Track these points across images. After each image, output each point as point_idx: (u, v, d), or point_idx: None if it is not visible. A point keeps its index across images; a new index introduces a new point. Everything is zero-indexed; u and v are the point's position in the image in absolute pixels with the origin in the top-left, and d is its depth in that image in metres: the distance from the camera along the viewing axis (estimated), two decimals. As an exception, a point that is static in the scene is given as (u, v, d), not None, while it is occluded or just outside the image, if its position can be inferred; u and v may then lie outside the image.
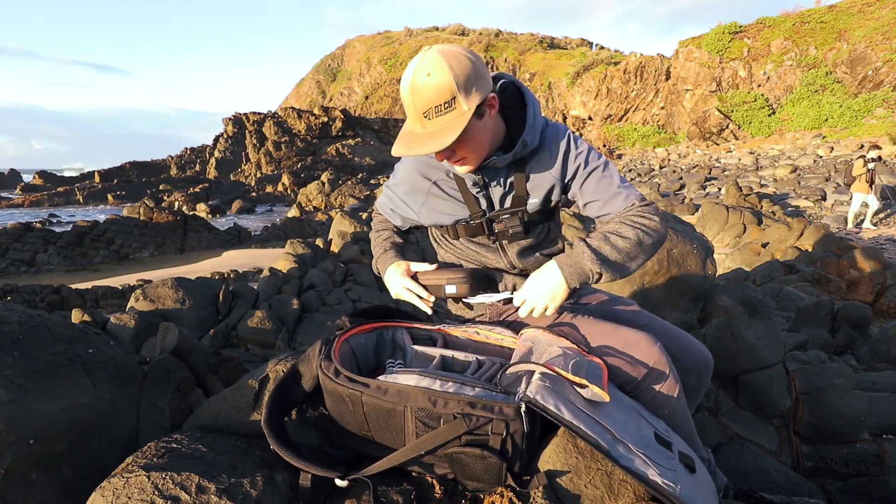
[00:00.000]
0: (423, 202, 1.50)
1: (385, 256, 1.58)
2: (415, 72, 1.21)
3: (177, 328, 2.12)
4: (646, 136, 32.19)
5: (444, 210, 1.49)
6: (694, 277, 3.81)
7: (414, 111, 1.23)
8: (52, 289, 10.46)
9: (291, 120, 44.01)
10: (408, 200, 1.54)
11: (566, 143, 1.41)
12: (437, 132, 1.22)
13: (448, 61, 1.18)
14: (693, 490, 1.09)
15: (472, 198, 1.44)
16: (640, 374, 1.28)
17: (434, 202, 1.49)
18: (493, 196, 1.45)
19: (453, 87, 1.18)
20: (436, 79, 1.18)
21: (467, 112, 1.21)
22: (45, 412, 1.38)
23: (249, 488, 1.11)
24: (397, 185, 1.57)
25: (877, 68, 25.05)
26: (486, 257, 1.52)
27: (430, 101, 1.19)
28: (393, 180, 1.59)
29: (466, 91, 1.20)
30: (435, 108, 1.20)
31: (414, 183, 1.50)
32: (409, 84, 1.22)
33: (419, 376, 1.15)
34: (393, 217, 1.65)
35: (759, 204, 12.96)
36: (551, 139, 1.41)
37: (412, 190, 1.51)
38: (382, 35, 70.24)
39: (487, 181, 1.42)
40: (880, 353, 3.70)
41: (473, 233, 1.49)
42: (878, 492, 2.01)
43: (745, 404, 2.35)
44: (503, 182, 1.43)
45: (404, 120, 1.32)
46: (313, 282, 7.43)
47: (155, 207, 20.82)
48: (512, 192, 1.44)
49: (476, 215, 1.46)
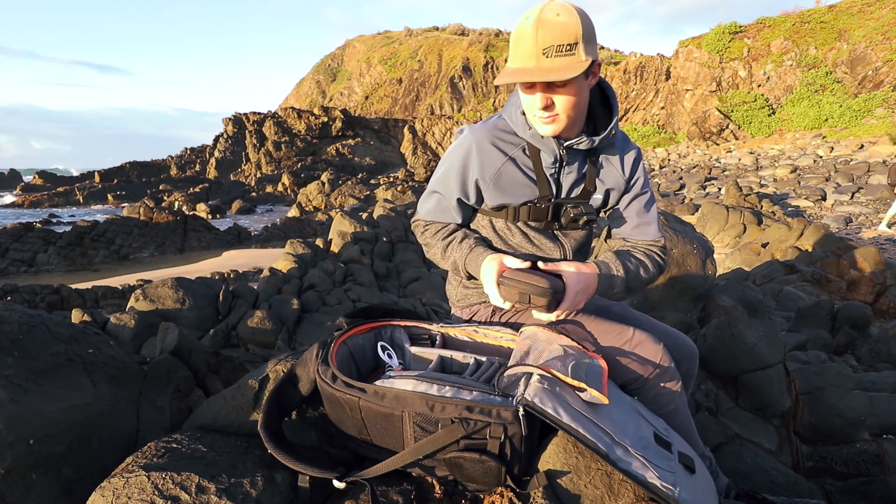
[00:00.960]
0: (495, 178, 1.40)
1: (473, 255, 1.41)
2: (543, 9, 1.21)
3: (177, 328, 2.12)
4: (646, 136, 32.19)
5: (514, 189, 1.41)
6: (694, 277, 3.81)
7: (533, 47, 1.20)
8: (52, 289, 10.46)
9: (291, 120, 44.03)
10: (476, 179, 1.42)
11: (637, 154, 1.49)
12: (554, 69, 1.20)
13: (577, 10, 1.21)
14: (692, 492, 1.09)
15: (545, 179, 1.40)
16: (647, 372, 1.31)
17: (506, 179, 1.41)
18: (563, 181, 1.43)
19: (579, 33, 1.20)
20: (565, 19, 1.19)
21: (584, 62, 1.21)
22: (45, 412, 1.38)
23: (249, 488, 1.11)
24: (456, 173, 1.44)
25: (877, 68, 25.06)
26: (542, 245, 1.46)
27: (556, 38, 1.19)
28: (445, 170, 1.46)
29: (586, 42, 1.22)
30: (557, 46, 1.19)
31: (487, 156, 1.40)
32: (535, 20, 1.20)
33: (416, 381, 1.14)
34: (448, 215, 1.50)
35: (759, 204, 12.97)
36: (623, 144, 1.47)
37: (483, 163, 1.40)
38: (382, 35, 70.26)
39: (565, 163, 1.40)
40: (880, 353, 3.70)
41: (538, 216, 1.42)
42: (878, 492, 2.01)
43: (745, 404, 2.35)
44: (578, 169, 1.42)
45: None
46: (313, 282, 7.43)
47: (155, 207, 20.83)
48: (582, 182, 1.44)
49: (545, 198, 1.41)
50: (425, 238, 1.54)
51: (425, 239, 1.54)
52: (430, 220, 1.53)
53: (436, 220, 1.52)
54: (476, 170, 1.40)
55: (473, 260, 1.40)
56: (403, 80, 57.64)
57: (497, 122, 1.44)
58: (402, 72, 58.45)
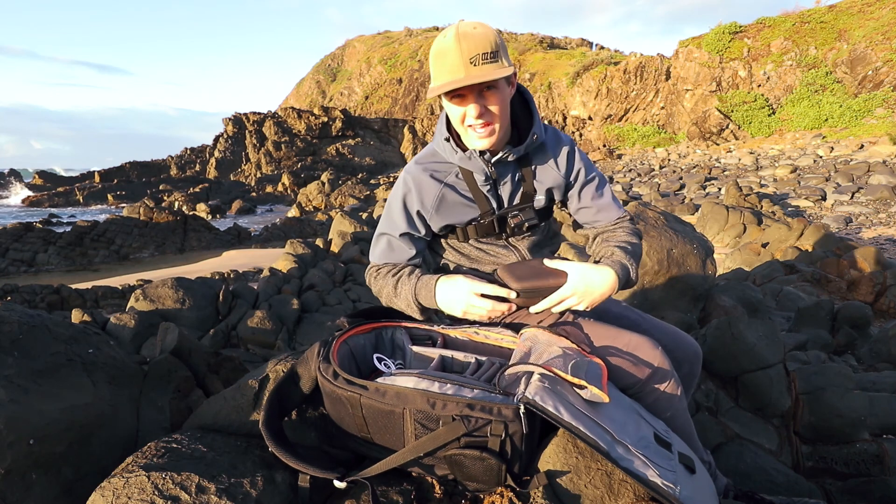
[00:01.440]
0: (435, 206, 1.46)
1: (422, 282, 1.42)
2: (459, 26, 1.29)
3: (177, 328, 2.12)
4: (646, 136, 32.18)
5: (456, 211, 1.47)
6: (694, 277, 3.81)
7: (459, 58, 1.26)
8: (52, 289, 10.46)
9: (291, 120, 44.02)
10: (418, 210, 1.47)
11: (570, 146, 1.52)
12: (483, 74, 1.26)
13: (487, 25, 1.30)
14: (693, 491, 1.09)
15: (482, 196, 1.47)
16: (644, 375, 1.29)
17: (446, 204, 1.47)
18: (502, 193, 1.49)
19: (497, 42, 1.28)
20: (482, 31, 1.27)
21: (508, 69, 1.29)
22: (45, 412, 1.38)
23: (249, 488, 1.11)
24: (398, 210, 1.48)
25: (877, 68, 25.05)
26: (498, 255, 1.53)
27: (479, 46, 1.25)
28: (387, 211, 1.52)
29: (504, 53, 1.30)
30: (482, 54, 1.26)
31: (424, 187, 1.46)
32: (454, 34, 1.26)
33: (418, 378, 1.14)
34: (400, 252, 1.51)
35: (759, 204, 12.97)
36: (553, 140, 1.52)
37: (422, 195, 1.46)
38: (382, 35, 70.27)
39: (498, 177, 1.46)
40: (880, 353, 3.70)
41: (485, 232, 1.49)
42: (878, 492, 2.01)
43: (745, 404, 2.35)
44: (511, 179, 1.48)
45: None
46: (313, 282, 7.43)
47: (155, 207, 20.82)
48: (520, 188, 1.49)
49: (486, 213, 1.47)
50: (377, 283, 1.51)
51: (377, 284, 1.51)
52: (382, 262, 1.53)
53: (387, 261, 1.52)
54: (416, 203, 1.46)
55: (424, 286, 1.40)
56: (403, 80, 57.63)
57: (427, 154, 1.50)
58: (402, 72, 58.44)
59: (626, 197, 15.96)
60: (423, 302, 1.42)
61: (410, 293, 1.42)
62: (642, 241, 1.56)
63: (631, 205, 4.51)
